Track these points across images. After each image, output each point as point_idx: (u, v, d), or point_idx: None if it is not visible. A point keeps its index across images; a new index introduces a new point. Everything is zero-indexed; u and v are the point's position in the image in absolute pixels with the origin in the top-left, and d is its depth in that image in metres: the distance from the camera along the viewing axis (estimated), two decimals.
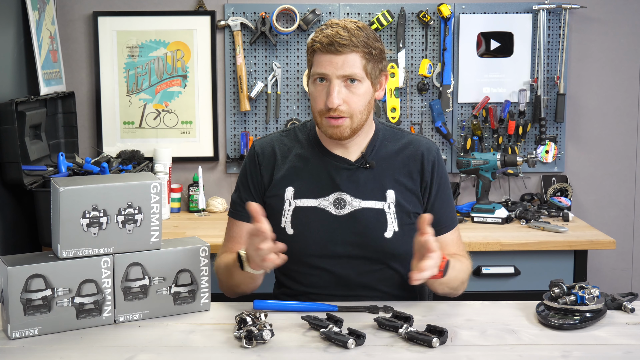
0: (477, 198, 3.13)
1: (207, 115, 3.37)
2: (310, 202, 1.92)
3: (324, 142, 1.96)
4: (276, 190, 1.95)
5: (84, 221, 1.67)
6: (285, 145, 1.99)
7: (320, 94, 1.84)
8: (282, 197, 1.94)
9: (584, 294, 1.71)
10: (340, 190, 1.92)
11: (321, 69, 1.83)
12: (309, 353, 1.56)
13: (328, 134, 1.88)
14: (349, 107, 1.84)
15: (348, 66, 1.81)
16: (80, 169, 2.83)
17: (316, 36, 1.85)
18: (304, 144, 1.98)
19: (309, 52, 1.88)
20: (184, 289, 1.79)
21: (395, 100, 3.32)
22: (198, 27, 3.34)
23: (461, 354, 1.56)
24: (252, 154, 2.00)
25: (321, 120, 1.87)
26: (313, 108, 1.88)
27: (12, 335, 1.63)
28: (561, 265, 2.84)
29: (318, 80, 1.85)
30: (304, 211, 1.92)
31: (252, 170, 1.99)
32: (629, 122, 3.43)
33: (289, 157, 1.97)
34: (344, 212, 1.91)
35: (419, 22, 3.33)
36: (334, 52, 1.80)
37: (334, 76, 1.81)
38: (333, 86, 1.81)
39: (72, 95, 3.22)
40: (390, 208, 1.92)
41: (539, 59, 3.33)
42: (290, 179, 1.95)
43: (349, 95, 1.83)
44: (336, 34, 1.80)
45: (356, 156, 1.95)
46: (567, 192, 3.32)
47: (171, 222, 3.14)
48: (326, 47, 1.80)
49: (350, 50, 1.80)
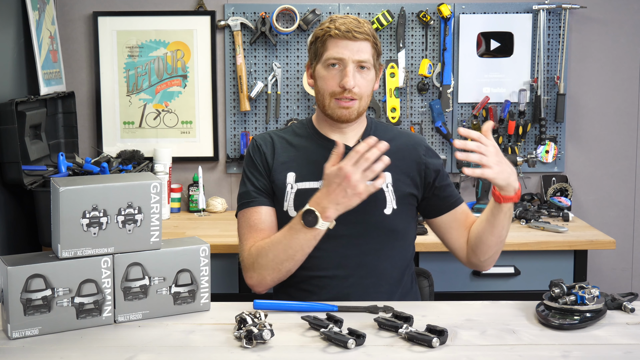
0: (477, 198, 3.13)
1: (207, 115, 3.37)
2: (312, 184, 2.01)
3: (323, 130, 2.07)
4: (278, 175, 2.03)
5: (84, 221, 1.67)
6: (283, 138, 2.09)
7: (334, 77, 1.98)
8: (284, 182, 2.02)
9: (584, 294, 1.71)
10: None
11: (338, 53, 1.97)
12: (309, 353, 1.56)
13: (336, 115, 2.00)
14: (360, 90, 1.98)
15: (362, 52, 1.97)
16: (80, 169, 2.83)
17: (329, 25, 1.99)
18: (303, 135, 2.09)
19: (318, 41, 2.01)
20: (184, 289, 1.79)
21: (395, 100, 3.32)
22: (198, 27, 3.34)
23: (461, 354, 1.56)
24: (254, 144, 2.09)
25: (330, 102, 1.99)
26: (323, 90, 2.00)
27: (12, 335, 1.63)
28: (561, 265, 2.84)
29: (331, 65, 1.98)
30: (306, 193, 1.97)
31: (257, 157, 2.06)
32: (629, 122, 3.43)
33: (288, 147, 2.07)
34: None
35: (419, 22, 3.33)
36: (351, 38, 1.96)
37: (350, 60, 1.96)
38: (349, 69, 1.96)
39: (72, 95, 3.22)
40: (388, 187, 2.02)
41: (539, 59, 3.33)
42: (291, 165, 2.04)
43: (360, 79, 1.98)
44: (351, 22, 1.97)
45: (354, 142, 2.05)
46: (567, 192, 3.32)
47: (171, 222, 3.14)
48: (344, 33, 1.95)
49: (364, 37, 1.97)
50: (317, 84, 2.03)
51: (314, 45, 2.02)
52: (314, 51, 2.03)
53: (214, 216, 3.26)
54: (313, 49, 2.04)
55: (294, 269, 1.95)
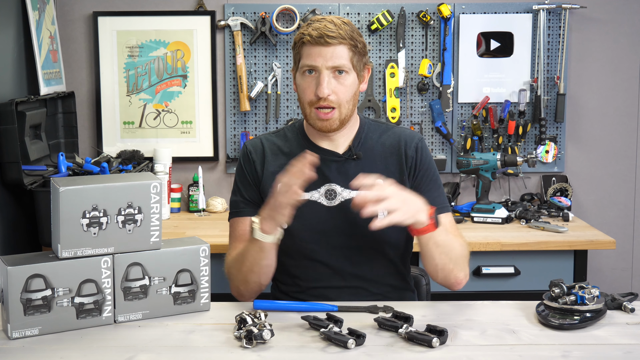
0: (477, 198, 3.13)
1: (207, 115, 3.37)
2: (302, 195, 1.93)
3: (312, 137, 2.02)
4: (268, 185, 1.97)
5: (84, 221, 1.67)
6: (274, 144, 2.05)
7: (310, 85, 1.91)
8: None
9: (584, 294, 1.71)
10: (330, 182, 1.97)
11: (311, 60, 1.89)
12: (309, 353, 1.56)
13: (317, 126, 1.94)
14: (337, 97, 1.90)
15: (337, 57, 1.88)
16: (80, 169, 2.83)
17: (304, 30, 1.91)
18: (293, 142, 2.04)
19: (296, 46, 1.94)
20: (184, 289, 1.79)
21: (395, 100, 3.32)
22: (198, 27, 3.34)
23: (461, 354, 1.56)
24: (245, 152, 2.06)
25: (310, 111, 1.93)
26: (302, 100, 1.94)
27: (12, 335, 1.63)
28: (561, 265, 2.84)
29: (307, 72, 1.91)
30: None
31: (247, 167, 2.04)
32: (629, 122, 3.43)
33: (279, 155, 2.02)
34: (335, 203, 1.96)
35: (419, 22, 3.33)
36: (323, 44, 1.87)
37: (324, 67, 1.88)
38: (323, 76, 1.88)
39: (72, 95, 3.22)
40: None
41: (539, 59, 3.33)
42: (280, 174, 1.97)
43: (337, 85, 1.90)
44: (324, 27, 1.88)
45: (343, 149, 2.00)
46: (567, 192, 3.32)
47: (171, 222, 3.14)
48: (316, 39, 1.87)
49: (339, 42, 1.88)
50: (297, 92, 1.98)
51: (294, 51, 1.97)
52: (294, 57, 1.97)
53: (214, 216, 3.26)
54: (293, 54, 1.98)
55: (260, 280, 1.92)
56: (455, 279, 1.93)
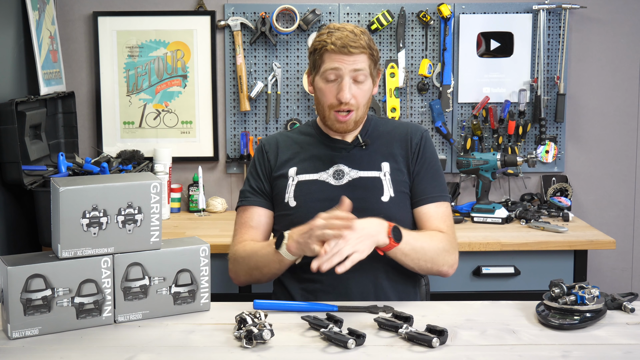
0: (477, 198, 3.13)
1: (207, 115, 3.37)
2: (311, 176, 2.11)
3: (324, 130, 2.17)
4: (281, 170, 2.13)
5: (84, 221, 1.67)
6: (288, 137, 2.21)
7: (331, 89, 2.06)
8: (286, 176, 2.12)
9: (584, 294, 1.71)
10: (339, 163, 2.11)
11: (335, 68, 2.04)
12: (309, 353, 1.56)
13: (335, 127, 2.10)
14: (356, 101, 2.06)
15: (358, 65, 2.04)
16: (80, 169, 2.83)
17: (326, 39, 2.05)
18: (305, 134, 2.20)
19: (315, 53, 2.08)
20: (184, 289, 1.79)
21: (395, 100, 3.32)
22: (198, 27, 3.34)
23: (461, 354, 1.56)
24: (259, 146, 2.21)
25: (329, 113, 2.08)
26: (322, 102, 2.09)
27: (12, 335, 1.63)
28: (561, 265, 2.84)
29: (329, 77, 2.05)
30: (306, 184, 2.10)
31: (260, 159, 2.18)
32: (629, 122, 3.43)
33: (292, 145, 2.18)
34: (342, 182, 2.09)
35: (419, 22, 3.33)
36: (347, 53, 2.02)
37: (346, 74, 2.03)
38: (345, 82, 2.03)
39: (72, 95, 3.22)
40: (385, 176, 2.09)
41: (539, 59, 3.33)
42: (293, 160, 2.14)
43: (356, 90, 2.06)
44: (347, 37, 2.02)
45: (352, 138, 2.16)
46: (567, 192, 3.32)
47: (171, 222, 3.14)
48: (339, 48, 2.02)
49: (360, 51, 2.03)
50: (316, 95, 2.12)
51: (313, 56, 2.10)
52: (313, 62, 2.10)
53: (214, 216, 3.26)
54: (312, 59, 2.11)
55: (264, 280, 2.05)
56: (439, 272, 2.04)
